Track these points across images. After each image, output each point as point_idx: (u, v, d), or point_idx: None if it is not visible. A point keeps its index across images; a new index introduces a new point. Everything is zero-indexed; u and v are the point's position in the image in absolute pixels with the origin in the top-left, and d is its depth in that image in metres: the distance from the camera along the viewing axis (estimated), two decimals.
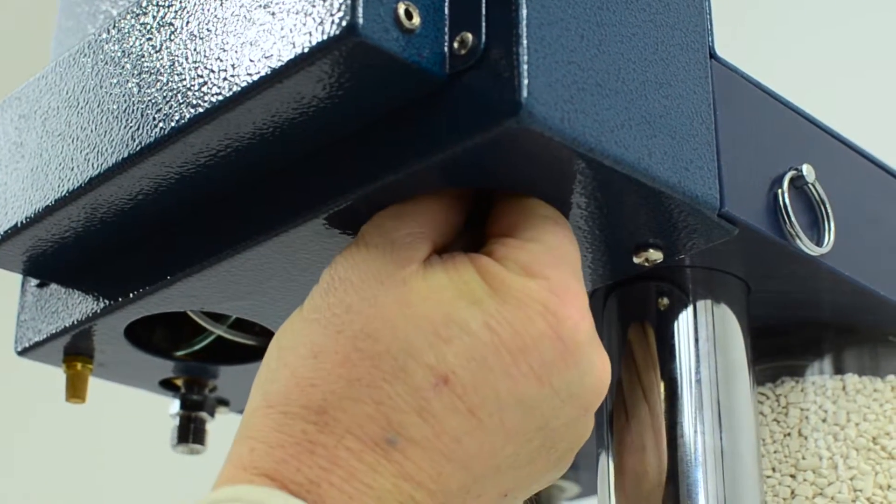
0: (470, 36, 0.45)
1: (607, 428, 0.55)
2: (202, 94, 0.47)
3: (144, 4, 0.52)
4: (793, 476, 0.58)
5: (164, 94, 0.49)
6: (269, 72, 0.45)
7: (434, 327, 0.43)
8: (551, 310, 0.44)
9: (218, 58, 0.47)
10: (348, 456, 0.42)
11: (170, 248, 0.55)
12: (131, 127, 0.50)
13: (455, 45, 0.45)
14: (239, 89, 0.46)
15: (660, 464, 0.53)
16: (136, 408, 1.13)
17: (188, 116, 0.48)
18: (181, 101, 0.48)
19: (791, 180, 0.53)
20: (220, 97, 0.46)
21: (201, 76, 0.47)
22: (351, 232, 0.49)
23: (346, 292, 0.45)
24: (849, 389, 0.59)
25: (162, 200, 0.53)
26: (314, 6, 0.44)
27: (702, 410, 0.53)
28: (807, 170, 0.54)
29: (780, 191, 0.53)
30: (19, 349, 0.63)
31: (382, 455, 0.43)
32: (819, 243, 0.54)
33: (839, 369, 0.60)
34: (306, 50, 0.44)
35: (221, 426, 0.70)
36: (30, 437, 1.83)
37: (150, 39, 0.51)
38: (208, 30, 0.48)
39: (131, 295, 0.56)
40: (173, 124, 0.48)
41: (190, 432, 0.67)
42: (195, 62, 0.48)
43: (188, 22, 0.49)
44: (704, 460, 0.52)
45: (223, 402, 0.70)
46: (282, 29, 0.45)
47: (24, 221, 0.55)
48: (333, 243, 0.50)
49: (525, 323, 0.44)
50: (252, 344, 0.64)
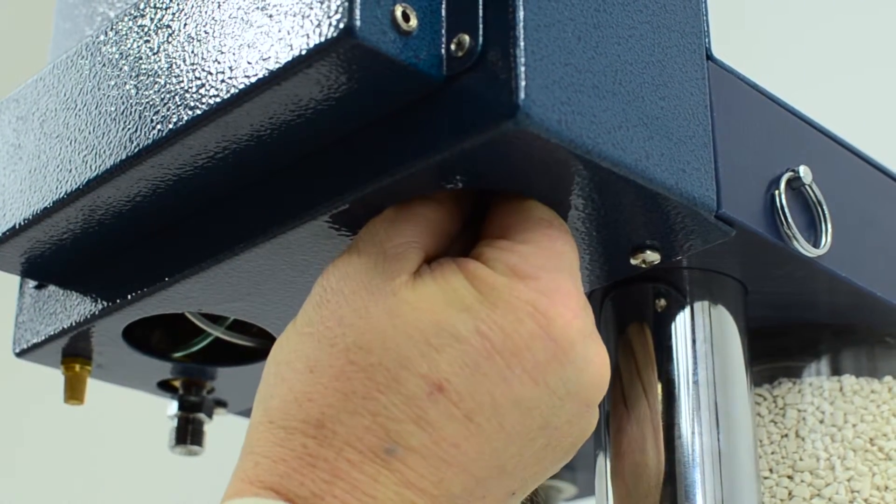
0: (467, 38, 0.45)
1: (605, 429, 0.55)
2: (200, 97, 0.47)
3: (142, 7, 0.52)
4: (790, 477, 0.58)
5: (162, 97, 0.49)
6: (267, 74, 0.45)
7: (425, 336, 0.44)
8: (540, 310, 0.44)
9: (216, 60, 0.47)
10: (349, 468, 0.43)
11: (167, 250, 0.55)
12: (129, 129, 0.50)
13: (452, 47, 0.45)
14: (237, 91, 0.46)
15: (657, 465, 0.53)
16: (134, 409, 1.12)
17: (186, 119, 0.48)
18: (179, 104, 0.48)
19: (788, 182, 0.53)
20: (218, 99, 0.46)
21: (199, 78, 0.47)
22: (348, 233, 0.49)
23: (339, 304, 0.45)
24: (846, 390, 0.59)
25: (160, 202, 0.53)
26: (311, 8, 0.44)
27: (699, 411, 0.53)
28: (804, 171, 0.54)
29: (777, 192, 0.53)
30: (17, 351, 0.63)
31: (383, 465, 0.43)
32: (816, 244, 0.54)
33: (836, 370, 0.60)
34: (304, 52, 0.44)
35: (219, 428, 0.71)
36: (28, 439, 1.83)
37: (148, 42, 0.51)
38: (206, 32, 0.48)
39: (129, 296, 0.56)
40: (171, 126, 0.48)
41: (188, 434, 0.67)
42: (193, 64, 0.48)
43: (186, 24, 0.49)
44: (702, 461, 0.52)
45: (221, 404, 0.70)
46: (279, 31, 0.45)
47: (22, 223, 0.55)
48: (331, 245, 0.50)
49: (515, 325, 0.44)
50: (250, 345, 0.64)
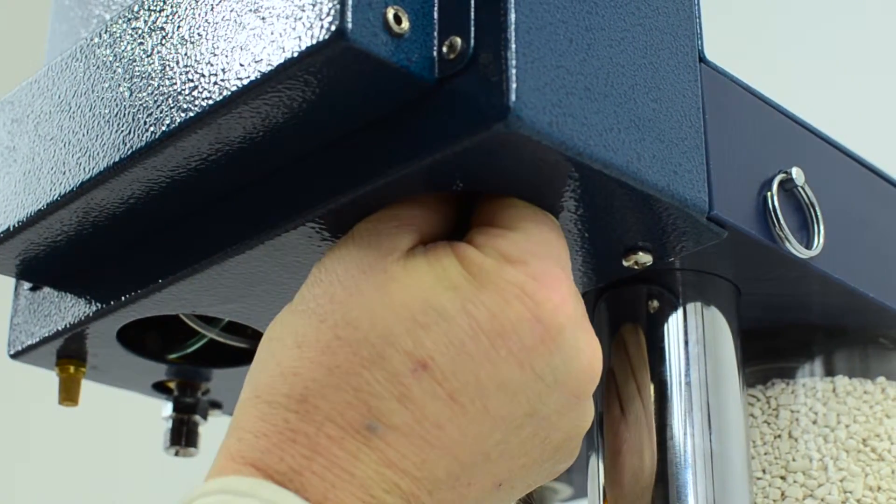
0: (459, 40, 0.45)
1: (597, 430, 0.55)
2: (193, 99, 0.47)
3: (136, 9, 0.52)
4: (783, 478, 0.58)
5: (156, 99, 0.49)
6: (259, 76, 0.45)
7: (412, 313, 0.44)
8: (528, 293, 0.44)
9: (208, 62, 0.47)
10: (329, 444, 0.43)
11: (161, 252, 0.55)
12: (122, 131, 0.51)
13: (444, 50, 0.45)
14: (229, 94, 0.46)
15: (650, 466, 0.53)
16: (129, 411, 1.12)
17: (179, 121, 0.48)
18: (172, 106, 0.48)
19: (780, 183, 0.54)
20: (211, 101, 0.47)
21: (192, 80, 0.47)
22: (341, 236, 0.50)
23: (331, 283, 0.46)
24: (839, 391, 0.60)
25: (153, 204, 0.53)
26: (304, 11, 0.44)
27: (691, 413, 0.53)
28: (796, 172, 0.54)
29: (770, 194, 0.53)
30: (12, 352, 0.63)
31: (363, 442, 0.43)
32: (808, 246, 0.54)
33: (829, 371, 0.60)
34: (296, 54, 0.44)
35: (214, 429, 0.71)
36: (22, 441, 1.83)
37: (142, 44, 0.51)
38: (199, 34, 0.48)
39: (123, 298, 0.56)
40: (164, 128, 0.48)
41: (182, 435, 0.67)
42: (186, 66, 0.48)
43: (179, 26, 0.49)
44: (694, 462, 0.53)
45: (216, 405, 0.70)
46: (272, 33, 0.45)
47: (17, 225, 0.56)
48: (324, 247, 0.51)
49: (502, 306, 0.44)
50: (244, 347, 0.64)
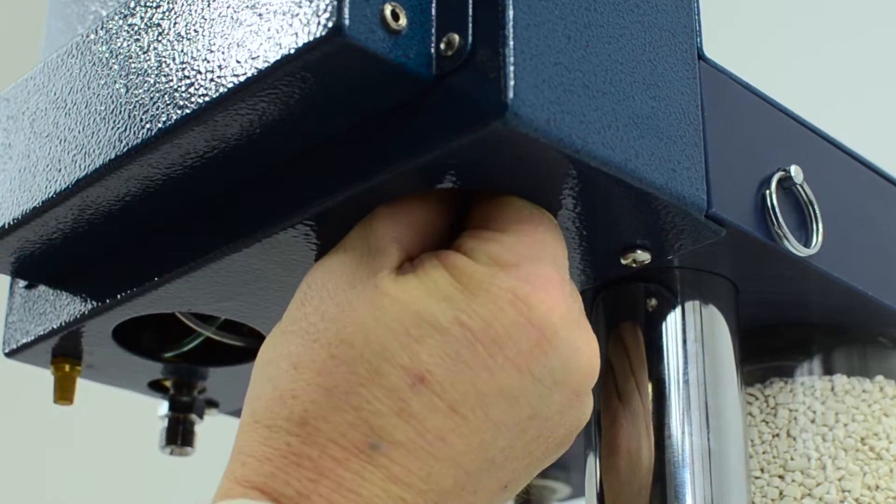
0: (457, 37, 0.45)
1: (595, 428, 0.55)
2: (189, 96, 0.47)
3: (132, 6, 0.52)
4: (781, 477, 0.58)
5: (152, 96, 0.49)
6: (256, 73, 0.45)
7: (405, 328, 0.43)
8: (521, 297, 0.44)
9: (205, 59, 0.47)
10: (334, 465, 0.43)
11: (158, 250, 0.55)
12: (118, 128, 0.50)
13: (442, 47, 0.45)
14: (226, 90, 0.46)
15: (647, 464, 0.53)
16: (124, 410, 1.12)
17: (175, 118, 0.48)
18: (168, 103, 0.48)
19: (779, 181, 0.53)
20: (207, 98, 0.46)
21: (188, 77, 0.47)
22: (338, 233, 0.49)
23: (322, 300, 0.45)
24: (837, 390, 0.59)
25: (150, 202, 0.53)
26: (300, 7, 0.44)
27: (689, 411, 0.53)
28: (795, 170, 0.54)
29: (768, 192, 0.53)
30: (7, 351, 0.63)
31: (367, 461, 0.43)
32: (807, 244, 0.54)
33: (828, 370, 0.60)
34: (293, 51, 0.43)
35: (211, 428, 0.70)
36: (17, 440, 1.82)
37: (138, 40, 0.51)
38: (195, 31, 0.48)
39: (119, 296, 0.56)
40: (160, 126, 0.48)
41: (178, 434, 0.67)
42: (182, 63, 0.48)
43: (175, 23, 0.49)
44: (692, 461, 0.52)
45: (212, 404, 0.70)
46: (268, 30, 0.45)
47: (12, 223, 0.55)
48: (321, 245, 0.50)
49: (495, 313, 0.44)
50: (241, 345, 0.64)
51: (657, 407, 0.53)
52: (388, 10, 0.44)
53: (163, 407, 0.68)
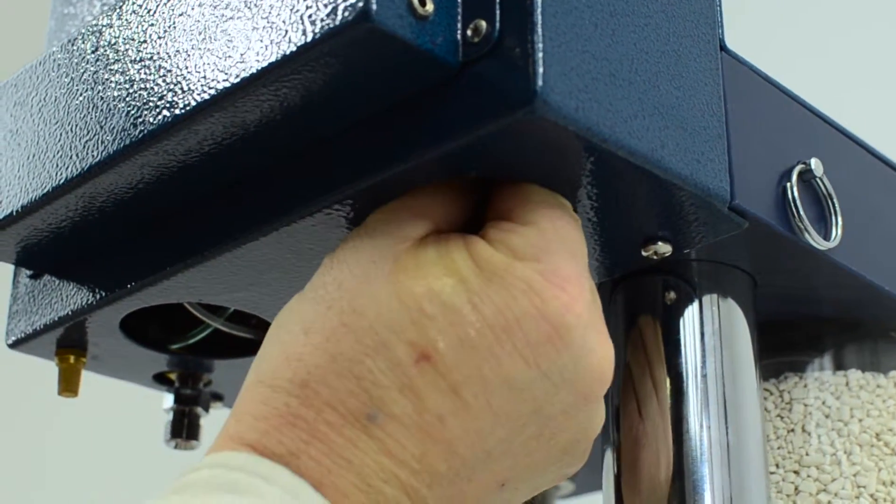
0: (483, 23, 0.44)
1: (613, 423, 0.54)
2: (209, 81, 0.46)
3: None
4: (796, 472, 0.57)
5: (169, 81, 0.48)
6: (280, 57, 0.44)
7: (418, 303, 0.43)
8: (536, 290, 0.44)
9: (227, 43, 0.46)
10: (328, 430, 0.42)
11: (170, 239, 0.54)
12: (133, 114, 0.49)
13: (468, 33, 0.44)
14: (248, 76, 0.45)
15: (666, 459, 0.52)
16: (128, 403, 1.11)
17: (194, 104, 0.47)
18: (187, 88, 0.47)
19: (799, 174, 0.53)
20: (228, 84, 0.45)
21: (209, 62, 0.46)
22: (357, 222, 0.49)
23: (341, 270, 0.45)
24: (852, 385, 0.59)
25: (163, 190, 0.52)
26: None
27: (708, 405, 0.53)
28: (815, 163, 0.53)
29: (790, 184, 0.52)
30: (10, 342, 0.62)
31: (362, 430, 0.42)
32: (826, 237, 0.53)
33: (842, 365, 0.60)
34: (318, 35, 0.43)
35: (216, 421, 0.69)
36: (20, 434, 1.80)
37: (154, 25, 0.50)
38: (216, 15, 0.47)
39: (129, 286, 0.55)
40: (177, 112, 0.47)
41: (184, 427, 0.66)
42: (202, 48, 0.47)
43: (194, 6, 0.48)
44: (710, 456, 0.52)
45: (218, 397, 0.69)
46: (294, 14, 0.44)
47: (20, 210, 0.54)
48: (339, 234, 0.50)
49: (508, 302, 0.43)
50: (248, 337, 0.63)
51: (675, 401, 0.53)
52: None
53: (168, 400, 0.67)
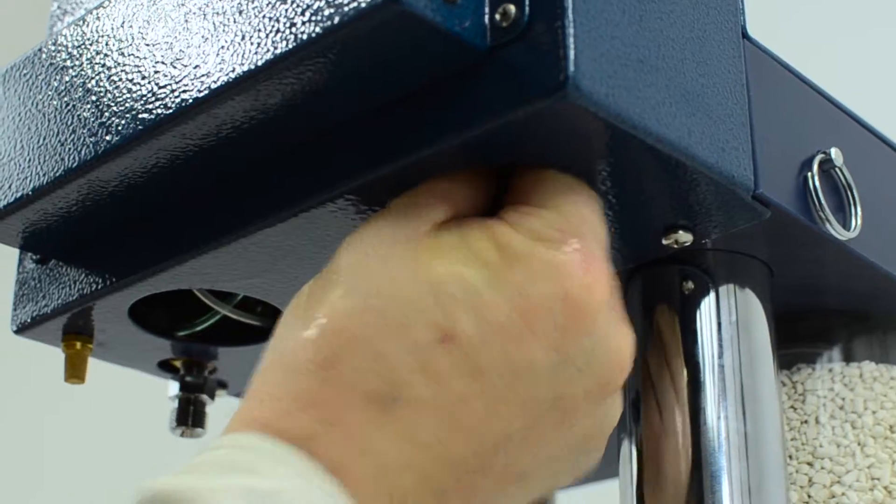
0: (513, 8, 0.43)
1: (630, 413, 0.54)
2: (232, 63, 0.45)
3: None
4: (810, 464, 0.57)
5: (189, 63, 0.47)
6: (305, 40, 0.43)
7: (441, 286, 0.43)
8: (558, 272, 0.43)
9: (251, 25, 0.45)
10: (347, 412, 0.41)
11: (183, 225, 0.53)
12: (150, 96, 0.49)
13: (497, 17, 0.44)
14: (272, 58, 0.44)
15: (684, 450, 0.52)
16: (133, 390, 1.10)
17: (215, 86, 0.46)
18: (208, 71, 0.46)
19: (819, 164, 0.53)
20: (252, 66, 0.45)
21: (232, 43, 0.46)
22: (377, 209, 0.48)
23: (361, 252, 0.44)
24: (866, 377, 0.59)
25: (178, 175, 0.51)
26: None
27: (725, 396, 0.52)
28: (835, 153, 0.53)
29: (811, 174, 0.52)
30: (16, 328, 0.61)
31: (383, 413, 0.41)
32: (846, 228, 0.53)
33: (856, 357, 0.60)
34: (346, 18, 0.42)
35: (222, 409, 0.69)
36: (26, 422, 1.79)
37: (173, 6, 0.49)
38: None
39: (141, 272, 0.54)
40: (197, 94, 0.47)
41: (189, 415, 0.65)
42: (226, 29, 0.46)
43: None
44: (728, 446, 0.52)
45: (223, 385, 0.68)
46: None
47: (30, 194, 0.53)
48: (357, 221, 0.49)
49: (532, 284, 0.43)
50: (256, 324, 0.62)
51: (693, 391, 0.53)
52: None
53: (173, 387, 0.66)
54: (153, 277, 0.55)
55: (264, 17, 0.45)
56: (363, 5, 0.42)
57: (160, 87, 0.48)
